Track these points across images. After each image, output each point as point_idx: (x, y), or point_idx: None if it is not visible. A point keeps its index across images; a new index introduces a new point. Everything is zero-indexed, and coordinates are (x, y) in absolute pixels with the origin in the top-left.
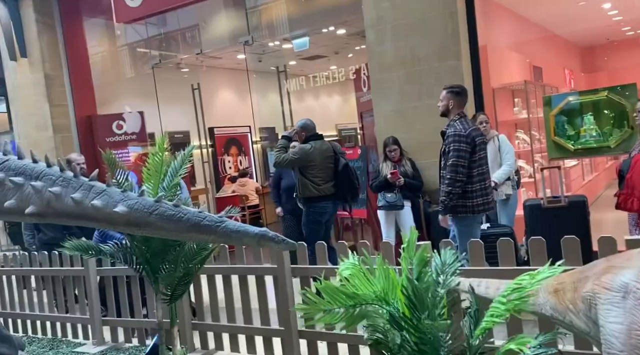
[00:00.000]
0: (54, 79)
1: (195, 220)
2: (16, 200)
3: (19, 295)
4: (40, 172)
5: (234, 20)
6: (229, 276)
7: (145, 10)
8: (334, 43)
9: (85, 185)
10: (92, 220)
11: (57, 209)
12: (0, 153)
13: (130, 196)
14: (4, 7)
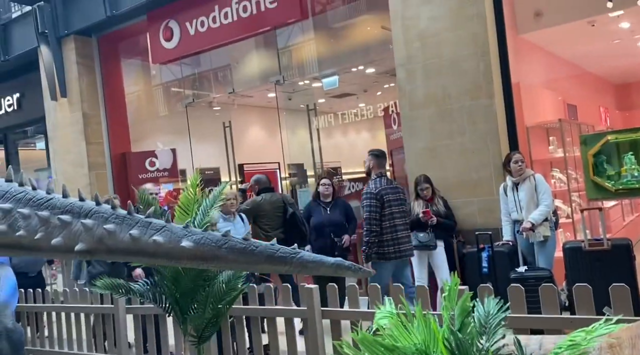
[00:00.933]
0: (91, 117)
1: (269, 252)
2: (63, 238)
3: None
4: (89, 209)
5: (265, 60)
6: (257, 318)
7: (180, 51)
8: (362, 81)
9: (143, 221)
10: (150, 255)
11: (110, 245)
12: (44, 192)
13: (194, 231)
14: (48, 51)
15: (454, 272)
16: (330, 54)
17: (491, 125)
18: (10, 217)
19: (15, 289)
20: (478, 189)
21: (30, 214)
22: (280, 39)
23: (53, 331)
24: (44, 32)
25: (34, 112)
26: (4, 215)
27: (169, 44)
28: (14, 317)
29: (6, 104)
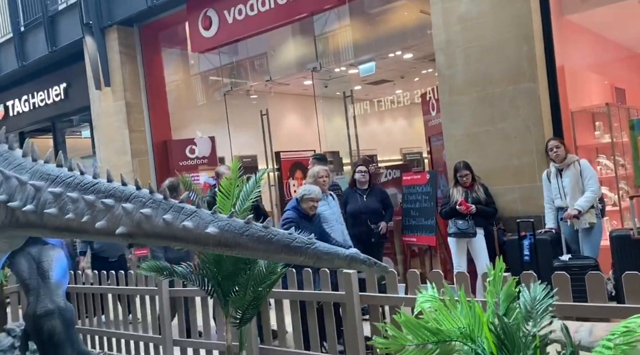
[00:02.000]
0: (133, 106)
1: (286, 241)
2: (107, 221)
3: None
4: (130, 194)
5: (302, 47)
6: (297, 302)
7: (218, 40)
8: (399, 67)
9: (176, 207)
10: (181, 241)
11: (147, 229)
12: (91, 176)
13: (220, 218)
14: (92, 41)
15: (498, 258)
16: (367, 39)
17: (534, 110)
18: (60, 200)
19: (66, 270)
20: (520, 175)
21: (78, 197)
22: (317, 25)
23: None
24: (89, 23)
25: (79, 101)
26: (55, 198)
27: (208, 33)
28: (65, 297)
29: (54, 94)
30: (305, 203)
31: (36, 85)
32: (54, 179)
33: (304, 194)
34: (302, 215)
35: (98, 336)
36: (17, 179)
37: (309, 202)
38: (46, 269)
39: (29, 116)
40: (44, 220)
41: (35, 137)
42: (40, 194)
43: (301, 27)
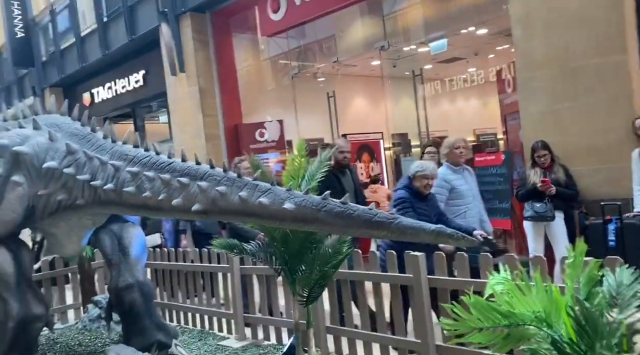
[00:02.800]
0: (206, 91)
1: (367, 216)
2: (182, 199)
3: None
4: (204, 172)
5: (370, 27)
6: (363, 282)
7: (287, 22)
8: (473, 44)
9: (250, 184)
10: (256, 217)
11: (222, 206)
12: (166, 156)
13: (296, 194)
14: (167, 28)
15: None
16: (439, 16)
17: (623, 84)
18: (137, 179)
19: (144, 247)
20: (605, 155)
21: (154, 176)
22: (385, 3)
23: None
24: (164, 10)
25: (156, 87)
26: (133, 177)
27: (276, 16)
28: (144, 272)
29: (133, 81)
30: (419, 181)
31: (117, 72)
32: (131, 159)
33: (417, 170)
34: (415, 195)
35: (175, 310)
36: (99, 159)
37: (423, 179)
38: (126, 245)
39: (112, 103)
40: (123, 198)
41: (117, 122)
42: (119, 173)
43: (369, 6)
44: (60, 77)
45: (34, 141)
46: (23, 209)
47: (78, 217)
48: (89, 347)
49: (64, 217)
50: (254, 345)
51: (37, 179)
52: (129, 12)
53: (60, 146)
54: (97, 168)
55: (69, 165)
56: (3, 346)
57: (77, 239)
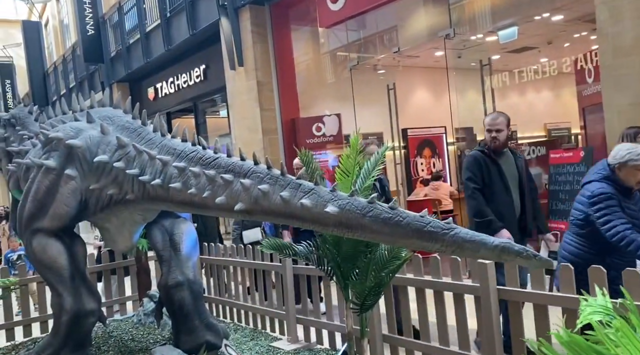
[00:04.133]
0: (264, 85)
1: (417, 225)
2: (226, 197)
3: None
4: (248, 169)
5: (434, 16)
6: (423, 290)
7: (346, 12)
8: (546, 32)
9: (293, 183)
10: (299, 219)
11: (265, 206)
12: (212, 151)
13: (340, 196)
14: (227, 22)
15: None
16: (508, 2)
17: None
18: (184, 175)
19: (196, 243)
20: None
21: (200, 172)
22: None
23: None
24: (224, 4)
25: (217, 81)
26: (179, 173)
27: (335, 6)
28: (195, 269)
29: (195, 75)
30: (629, 172)
31: (180, 67)
32: (178, 154)
33: (630, 158)
34: (620, 189)
35: (229, 307)
36: (148, 153)
37: (635, 171)
38: (177, 241)
39: (175, 97)
40: (170, 194)
41: (180, 117)
42: (166, 168)
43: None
44: (127, 72)
45: (87, 134)
46: (76, 202)
47: (129, 212)
48: (142, 343)
49: (115, 212)
50: (307, 349)
51: (89, 173)
52: (190, 6)
53: (112, 139)
54: (146, 162)
55: (119, 159)
56: (57, 339)
57: (129, 234)
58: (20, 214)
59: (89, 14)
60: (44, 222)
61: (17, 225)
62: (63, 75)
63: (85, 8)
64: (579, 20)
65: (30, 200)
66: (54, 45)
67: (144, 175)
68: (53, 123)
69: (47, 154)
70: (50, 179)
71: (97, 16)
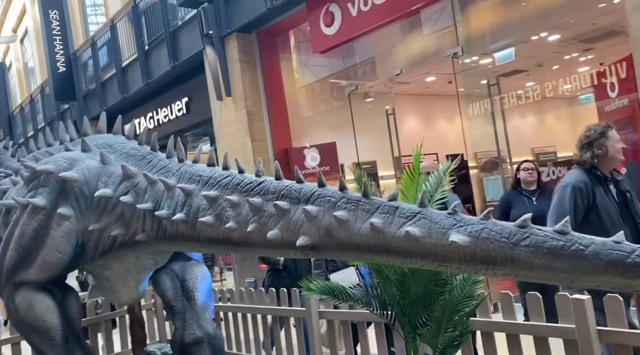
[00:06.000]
0: (254, 114)
1: (615, 255)
2: (281, 230)
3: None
4: (310, 193)
5: (439, 33)
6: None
7: (342, 36)
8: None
9: (385, 206)
10: (399, 254)
11: (343, 239)
12: (253, 175)
13: (467, 220)
14: (213, 51)
15: None
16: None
17: None
18: (216, 206)
19: (211, 290)
20: None
21: (240, 201)
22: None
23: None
24: (209, 33)
25: (200, 114)
26: (210, 204)
27: (330, 30)
28: (213, 322)
29: (176, 109)
30: None
31: (160, 101)
32: (206, 181)
33: None
34: None
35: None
36: (164, 182)
37: None
38: (191, 289)
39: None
40: (197, 231)
41: None
42: (191, 199)
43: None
44: (102, 109)
45: (83, 165)
46: (71, 248)
47: (137, 256)
48: None
49: (119, 257)
50: None
51: (87, 211)
52: (171, 37)
53: (115, 170)
54: (162, 194)
55: (126, 193)
56: None
57: (135, 283)
58: (0, 265)
59: (59, 50)
60: (30, 274)
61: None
62: (31, 116)
63: (55, 45)
64: (575, 39)
65: (13, 247)
66: (18, 88)
67: (161, 210)
68: (37, 156)
69: (33, 191)
70: (38, 220)
71: (68, 53)
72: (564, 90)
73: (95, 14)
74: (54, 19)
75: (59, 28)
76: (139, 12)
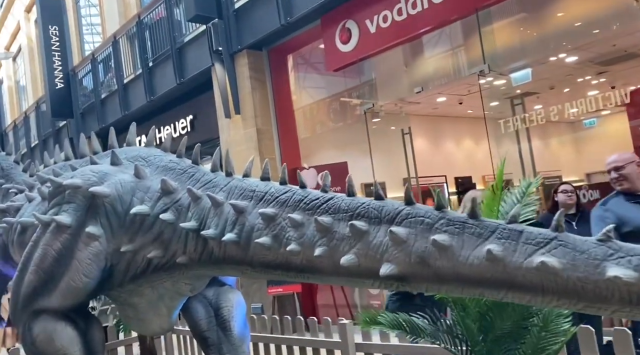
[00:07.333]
0: (264, 133)
1: None
2: (357, 255)
3: None
4: (395, 212)
5: (463, 49)
6: None
7: (359, 53)
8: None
9: (504, 230)
10: (530, 291)
11: (443, 269)
12: (318, 191)
13: (629, 249)
14: (222, 68)
15: None
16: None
17: None
18: (274, 225)
19: (246, 319)
20: None
21: (303, 220)
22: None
23: None
24: (218, 49)
25: (205, 133)
26: (267, 223)
27: (346, 47)
28: (249, 353)
29: (180, 127)
30: None
31: (163, 119)
32: (261, 197)
33: None
34: None
35: None
36: (211, 198)
37: None
38: (226, 317)
39: None
40: (250, 253)
41: None
42: (243, 217)
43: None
44: (101, 127)
45: (116, 179)
46: (99, 271)
47: (173, 281)
48: None
49: (153, 282)
50: None
51: (119, 230)
52: (177, 54)
53: (152, 185)
54: (207, 211)
55: (165, 210)
56: None
57: (167, 312)
58: (16, 290)
59: (58, 66)
60: (51, 300)
61: (11, 305)
62: (25, 132)
63: (54, 61)
64: (592, 62)
65: (33, 270)
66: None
67: (207, 229)
68: (57, 171)
69: (56, 208)
70: (62, 240)
71: (66, 69)
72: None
73: (92, 33)
74: (53, 34)
75: (58, 44)
76: (143, 28)
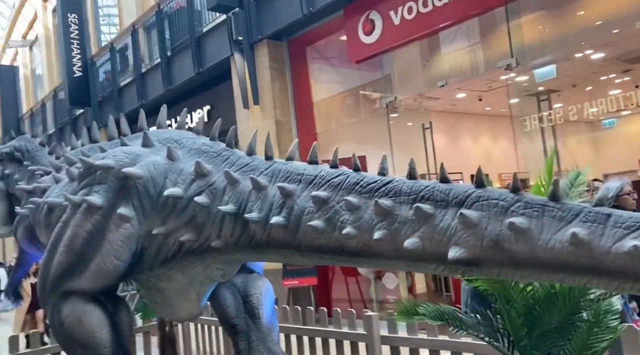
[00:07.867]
0: (282, 124)
1: None
2: (421, 239)
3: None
4: (465, 194)
5: (490, 42)
6: None
7: (382, 44)
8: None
9: (590, 213)
10: (620, 276)
11: (520, 253)
12: (374, 174)
13: None
14: (241, 58)
15: None
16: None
17: None
18: (327, 209)
19: (274, 307)
20: None
21: (360, 203)
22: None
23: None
24: (238, 39)
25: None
26: (318, 206)
27: (369, 38)
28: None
29: (197, 117)
30: None
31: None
32: (310, 180)
33: None
34: None
35: None
36: (255, 181)
37: None
38: (255, 305)
39: None
40: (299, 237)
41: None
42: (292, 200)
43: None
44: (118, 115)
45: (148, 161)
46: (130, 253)
47: (205, 265)
48: None
49: (183, 266)
50: None
51: (152, 212)
52: (196, 44)
53: (185, 167)
54: (247, 195)
55: (199, 193)
56: None
57: (197, 297)
58: (45, 271)
59: (76, 54)
60: (80, 283)
61: (39, 286)
62: (42, 120)
63: (72, 49)
64: (618, 59)
65: (63, 252)
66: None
67: (251, 213)
68: (86, 152)
69: (87, 189)
70: (93, 221)
71: (85, 58)
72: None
73: (108, 24)
74: (72, 22)
75: (77, 32)
76: (162, 18)
